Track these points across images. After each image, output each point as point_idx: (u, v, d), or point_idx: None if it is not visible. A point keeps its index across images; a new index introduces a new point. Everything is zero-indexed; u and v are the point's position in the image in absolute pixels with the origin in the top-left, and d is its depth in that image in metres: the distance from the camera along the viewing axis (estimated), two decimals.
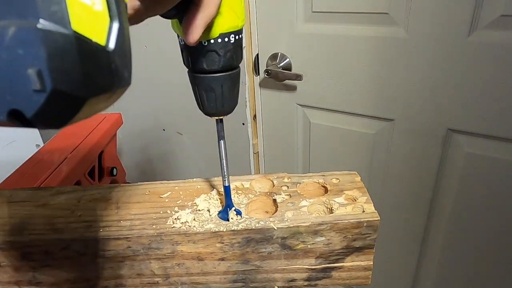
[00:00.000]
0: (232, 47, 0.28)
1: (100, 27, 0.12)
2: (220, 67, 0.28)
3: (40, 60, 0.11)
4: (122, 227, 0.35)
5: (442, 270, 0.95)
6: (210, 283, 0.37)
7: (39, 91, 0.11)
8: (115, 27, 0.13)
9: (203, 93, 0.30)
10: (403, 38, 0.77)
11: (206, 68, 0.28)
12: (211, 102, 0.30)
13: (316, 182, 0.39)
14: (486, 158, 0.77)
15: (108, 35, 0.12)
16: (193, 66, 0.29)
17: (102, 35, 0.12)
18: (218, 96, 0.29)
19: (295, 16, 0.88)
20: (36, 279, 0.36)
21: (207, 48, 0.27)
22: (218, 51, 0.27)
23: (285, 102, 1.00)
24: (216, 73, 0.28)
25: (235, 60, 0.29)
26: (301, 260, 0.36)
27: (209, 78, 0.29)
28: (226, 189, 0.35)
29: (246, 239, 0.34)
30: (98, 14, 0.12)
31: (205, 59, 0.28)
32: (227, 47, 0.28)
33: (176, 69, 1.15)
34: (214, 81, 0.29)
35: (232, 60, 0.28)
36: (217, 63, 0.28)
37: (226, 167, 0.34)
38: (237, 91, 0.31)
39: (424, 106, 0.80)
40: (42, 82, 0.11)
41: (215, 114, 0.31)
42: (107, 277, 0.36)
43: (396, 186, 0.92)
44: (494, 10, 0.66)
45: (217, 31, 0.27)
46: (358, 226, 0.33)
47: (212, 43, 0.27)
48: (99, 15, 0.12)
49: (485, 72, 0.70)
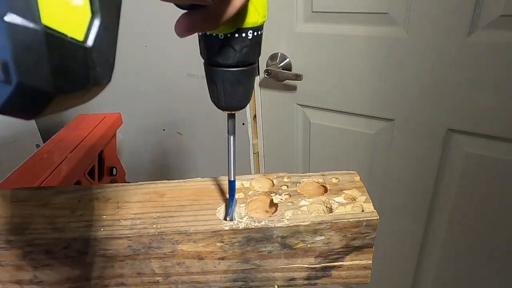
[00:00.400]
0: (250, 43, 0.27)
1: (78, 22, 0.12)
2: (235, 62, 0.28)
3: (6, 52, 0.11)
4: (122, 226, 0.35)
5: (442, 270, 0.95)
6: (210, 282, 0.37)
7: (5, 83, 0.11)
8: (96, 23, 0.12)
9: (216, 86, 0.29)
10: (403, 38, 0.77)
11: (221, 62, 0.28)
12: (224, 96, 0.29)
13: (315, 181, 0.39)
14: (486, 158, 0.77)
15: (87, 30, 0.12)
16: (209, 59, 0.28)
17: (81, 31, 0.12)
18: (232, 90, 0.29)
19: (295, 16, 0.89)
20: (37, 278, 0.36)
21: (223, 42, 0.27)
22: (234, 46, 0.27)
23: (285, 102, 1.00)
24: (231, 67, 0.28)
25: (252, 56, 0.28)
26: (300, 259, 0.36)
27: (224, 72, 0.28)
28: (231, 183, 0.34)
29: (246, 238, 0.34)
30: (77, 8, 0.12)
31: (221, 53, 0.27)
32: (244, 43, 0.27)
33: (176, 69, 1.15)
34: (228, 76, 0.28)
35: (248, 56, 0.28)
36: (232, 58, 0.27)
37: (234, 162, 0.34)
38: (250, 87, 0.30)
39: (424, 106, 0.80)
40: (7, 74, 0.11)
41: (227, 109, 0.31)
42: (107, 276, 0.36)
43: (396, 186, 0.92)
44: (494, 10, 0.66)
45: (235, 26, 0.26)
46: (358, 225, 0.34)
47: (228, 37, 0.26)
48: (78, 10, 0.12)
49: (485, 72, 0.71)
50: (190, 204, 0.37)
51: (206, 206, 0.37)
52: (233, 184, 0.34)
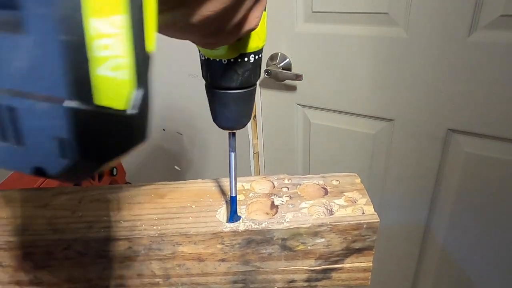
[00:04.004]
0: (251, 67, 0.28)
1: (123, 94, 0.13)
2: (237, 85, 0.28)
3: (64, 131, 0.12)
4: (123, 227, 0.35)
5: (442, 271, 0.95)
6: (210, 283, 0.37)
7: (61, 157, 0.12)
8: (139, 93, 0.13)
9: (218, 107, 0.30)
10: (403, 38, 0.77)
11: (224, 85, 0.28)
12: (225, 117, 0.30)
13: (316, 183, 0.39)
14: (486, 158, 0.77)
15: (130, 101, 0.13)
16: (211, 82, 0.29)
17: (126, 102, 0.13)
18: (233, 111, 0.30)
19: (295, 16, 0.89)
20: (37, 279, 0.36)
21: (226, 67, 0.27)
22: (237, 70, 0.28)
23: (285, 102, 1.00)
24: (233, 90, 0.29)
25: (253, 79, 0.29)
26: (301, 261, 0.36)
27: (226, 94, 0.29)
28: (233, 199, 0.35)
29: (247, 240, 0.34)
30: (122, 82, 0.12)
31: (224, 77, 0.28)
32: (247, 66, 0.28)
33: (176, 69, 1.15)
34: (230, 98, 0.29)
35: (250, 79, 0.29)
36: (235, 81, 0.28)
37: (234, 178, 0.35)
38: (251, 106, 0.31)
39: (424, 106, 0.80)
40: (65, 150, 0.12)
41: (228, 128, 0.32)
42: (107, 278, 0.36)
43: (396, 186, 0.92)
44: (494, 10, 0.66)
45: (238, 52, 0.27)
46: (358, 228, 0.34)
47: (232, 62, 0.27)
48: (123, 84, 0.13)
49: (485, 72, 0.71)
50: (190, 205, 0.37)
51: (207, 208, 0.37)
52: (234, 199, 0.35)
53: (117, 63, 0.12)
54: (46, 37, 0.11)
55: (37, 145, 0.12)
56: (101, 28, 0.11)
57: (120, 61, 0.12)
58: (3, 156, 0.13)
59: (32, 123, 0.12)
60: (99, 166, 0.13)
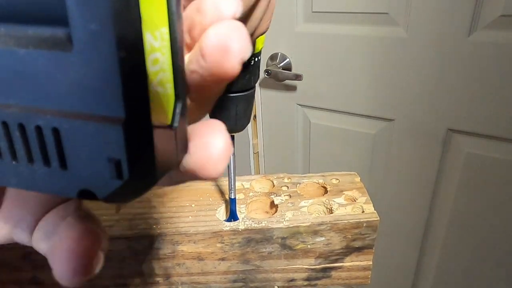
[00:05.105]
0: (252, 69, 0.28)
1: (167, 108, 0.12)
2: (238, 88, 0.29)
3: (120, 152, 0.11)
4: (123, 226, 0.35)
5: (442, 270, 0.95)
6: (210, 283, 0.37)
7: (114, 178, 0.11)
8: (179, 106, 0.13)
9: (218, 110, 0.30)
10: (403, 38, 0.77)
11: (228, 88, 0.29)
12: (225, 120, 0.30)
13: (316, 182, 0.39)
14: (486, 158, 0.77)
15: (173, 114, 0.13)
16: None
17: (169, 116, 0.13)
18: (232, 114, 0.30)
19: (295, 16, 0.89)
20: (37, 279, 0.36)
21: None
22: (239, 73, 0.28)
23: (285, 102, 1.00)
24: (233, 92, 0.29)
25: (253, 81, 0.29)
26: (301, 260, 0.36)
27: (226, 98, 0.29)
28: (232, 201, 0.35)
29: (247, 239, 0.34)
30: (167, 97, 0.12)
31: None
32: (247, 69, 0.28)
33: None
34: (230, 101, 0.29)
35: (250, 81, 0.29)
36: (235, 84, 0.28)
37: (234, 180, 0.35)
38: (250, 109, 0.31)
39: (424, 106, 0.80)
40: (119, 171, 0.11)
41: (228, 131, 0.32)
42: (107, 277, 0.36)
43: (396, 186, 0.92)
44: (494, 10, 0.66)
45: None
46: (358, 226, 0.34)
47: None
48: (168, 97, 0.12)
49: (485, 72, 0.71)
50: (190, 204, 0.37)
51: (206, 207, 0.37)
52: (233, 201, 0.35)
53: (164, 77, 0.12)
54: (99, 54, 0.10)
55: (84, 168, 0.12)
56: (153, 42, 0.11)
57: (165, 75, 0.12)
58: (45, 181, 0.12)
59: (81, 144, 0.11)
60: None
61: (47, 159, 0.12)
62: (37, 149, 0.12)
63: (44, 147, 0.12)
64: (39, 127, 0.11)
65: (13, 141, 0.12)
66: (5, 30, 0.11)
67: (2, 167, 0.12)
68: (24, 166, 0.12)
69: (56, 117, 0.11)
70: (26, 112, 0.11)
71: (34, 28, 0.11)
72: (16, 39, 0.11)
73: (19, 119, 0.11)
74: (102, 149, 0.11)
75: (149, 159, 0.12)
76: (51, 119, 0.11)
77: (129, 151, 0.11)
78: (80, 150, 0.11)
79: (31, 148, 0.12)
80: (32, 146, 0.12)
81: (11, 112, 0.11)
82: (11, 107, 0.11)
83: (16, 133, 0.12)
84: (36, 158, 0.12)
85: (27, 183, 0.12)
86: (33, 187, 0.12)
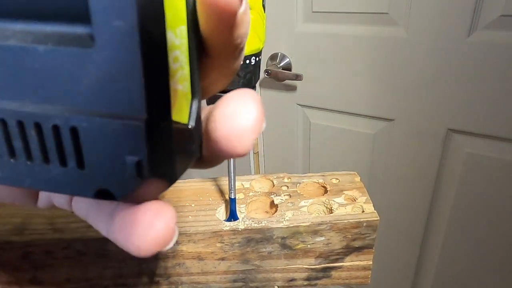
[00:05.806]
0: (252, 69, 0.28)
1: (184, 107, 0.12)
2: (239, 87, 0.28)
3: (141, 151, 0.11)
4: None
5: (442, 270, 0.95)
6: (210, 282, 0.37)
7: (134, 177, 0.11)
8: (195, 105, 0.13)
9: None
10: (403, 38, 0.77)
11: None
12: None
13: (316, 182, 0.39)
14: (486, 158, 0.77)
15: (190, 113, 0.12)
16: None
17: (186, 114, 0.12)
18: None
19: (295, 16, 0.89)
20: (37, 279, 0.36)
21: None
22: (239, 72, 0.28)
23: (285, 102, 1.00)
24: None
25: (254, 81, 0.29)
26: (301, 260, 0.36)
27: None
28: (232, 201, 0.35)
29: (247, 239, 0.34)
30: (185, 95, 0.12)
31: None
32: (248, 68, 0.28)
33: None
34: None
35: (251, 81, 0.29)
36: (237, 84, 0.28)
37: (234, 180, 0.35)
38: None
39: (424, 106, 0.80)
40: (139, 170, 0.11)
41: None
42: (107, 277, 0.36)
43: (396, 186, 0.92)
44: (494, 10, 0.66)
45: None
46: (358, 226, 0.34)
47: None
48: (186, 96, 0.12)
49: (485, 72, 0.71)
50: (190, 204, 0.37)
51: (206, 207, 0.37)
52: (233, 201, 0.35)
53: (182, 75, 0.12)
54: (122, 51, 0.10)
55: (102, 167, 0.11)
56: (174, 39, 0.11)
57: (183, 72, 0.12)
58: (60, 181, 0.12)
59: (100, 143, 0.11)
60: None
61: (63, 158, 0.11)
62: (53, 149, 0.11)
63: (61, 146, 0.11)
64: (56, 126, 0.11)
65: (29, 141, 0.11)
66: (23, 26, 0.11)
67: (16, 167, 0.12)
68: (39, 166, 0.12)
69: (74, 116, 0.11)
70: (43, 111, 0.11)
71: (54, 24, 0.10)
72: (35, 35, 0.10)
73: (35, 118, 0.11)
74: (121, 148, 0.11)
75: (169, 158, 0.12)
76: (69, 117, 0.11)
77: (150, 150, 0.11)
78: (99, 150, 0.11)
79: (47, 148, 0.11)
80: (48, 145, 0.11)
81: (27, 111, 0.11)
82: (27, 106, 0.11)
83: (31, 133, 0.11)
84: (52, 158, 0.12)
85: (41, 183, 0.12)
86: (48, 187, 0.12)
